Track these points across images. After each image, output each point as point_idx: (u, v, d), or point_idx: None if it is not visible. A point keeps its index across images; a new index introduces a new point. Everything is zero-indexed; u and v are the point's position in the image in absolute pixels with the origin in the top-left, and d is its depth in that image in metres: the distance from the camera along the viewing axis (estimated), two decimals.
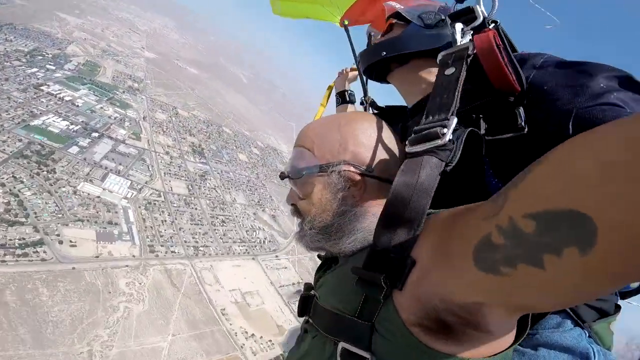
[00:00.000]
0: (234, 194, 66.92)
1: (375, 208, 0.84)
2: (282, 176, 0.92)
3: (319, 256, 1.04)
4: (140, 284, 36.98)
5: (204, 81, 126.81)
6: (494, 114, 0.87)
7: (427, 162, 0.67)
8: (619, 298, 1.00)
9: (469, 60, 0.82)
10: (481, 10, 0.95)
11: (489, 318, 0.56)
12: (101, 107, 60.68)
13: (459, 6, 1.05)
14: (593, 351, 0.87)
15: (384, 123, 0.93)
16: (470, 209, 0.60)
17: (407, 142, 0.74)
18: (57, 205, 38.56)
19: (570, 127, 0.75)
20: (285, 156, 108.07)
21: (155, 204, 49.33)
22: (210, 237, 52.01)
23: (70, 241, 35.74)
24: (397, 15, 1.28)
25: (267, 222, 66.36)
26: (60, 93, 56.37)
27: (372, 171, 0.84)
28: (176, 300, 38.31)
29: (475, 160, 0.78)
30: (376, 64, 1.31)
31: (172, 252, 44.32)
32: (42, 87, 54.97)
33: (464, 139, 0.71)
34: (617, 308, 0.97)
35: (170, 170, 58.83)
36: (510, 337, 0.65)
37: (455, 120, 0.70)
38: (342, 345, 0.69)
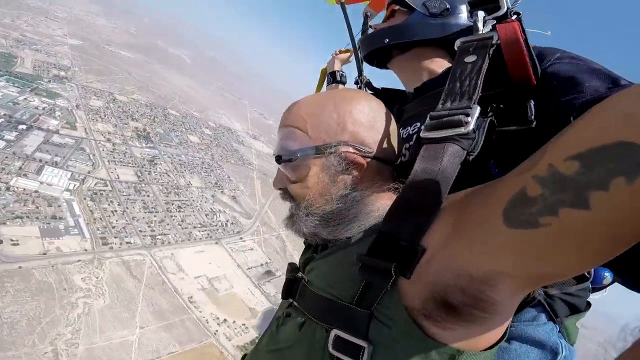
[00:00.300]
0: (188, 178, 66.32)
1: (376, 191, 0.85)
2: (279, 160, 0.88)
3: (304, 240, 1.03)
4: (97, 278, 36.76)
5: (141, 64, 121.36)
6: (504, 105, 0.90)
7: (449, 149, 0.68)
8: (590, 295, 1.07)
9: (491, 50, 0.84)
10: (506, 0, 0.97)
11: (500, 293, 0.55)
12: (25, 99, 57.39)
13: None
14: (561, 346, 0.93)
15: (380, 102, 0.94)
16: (490, 182, 0.62)
17: (423, 127, 0.75)
18: None
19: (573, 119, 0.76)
20: (240, 135, 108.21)
21: (102, 194, 48.19)
22: (168, 224, 51.73)
23: (12, 240, 34.65)
24: (399, 1, 1.30)
25: (228, 203, 66.58)
26: None
27: (373, 152, 0.85)
28: (139, 292, 38.44)
29: (487, 150, 0.78)
30: (377, 51, 1.36)
31: (127, 243, 43.93)
32: None
33: (485, 128, 0.72)
34: (588, 305, 1.04)
35: (114, 157, 57.20)
36: (502, 328, 0.66)
37: (478, 109, 0.71)
38: (335, 332, 0.69)
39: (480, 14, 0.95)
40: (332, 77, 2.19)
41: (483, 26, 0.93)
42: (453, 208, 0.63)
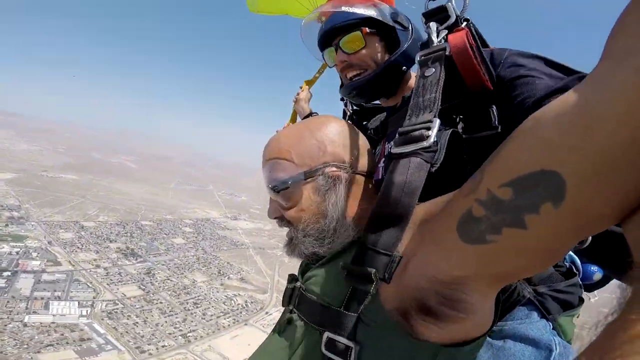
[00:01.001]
0: (190, 276, 72.77)
1: (362, 202, 1.04)
2: (275, 190, 1.02)
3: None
4: None
5: (90, 183, 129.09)
6: (470, 113, 1.04)
7: (413, 163, 0.80)
8: (583, 291, 1.18)
9: (445, 60, 0.96)
10: (454, 8, 1.09)
11: (470, 295, 0.68)
12: None
13: (432, 4, 1.17)
14: (555, 343, 1.02)
15: (348, 122, 1.17)
16: (451, 194, 0.75)
17: (392, 143, 0.88)
18: (15, 339, 42.25)
19: None
20: (220, 221, 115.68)
21: (116, 312, 53.90)
22: (192, 321, 57.38)
23: None
24: (372, 24, 1.42)
25: (239, 286, 73.03)
26: None
27: (353, 167, 1.04)
28: None
29: (457, 158, 0.90)
30: (390, 83, 1.48)
31: (162, 346, 49.43)
32: None
33: (447, 140, 0.85)
34: (581, 301, 1.15)
35: (111, 279, 63.43)
36: (483, 325, 0.79)
37: (438, 121, 0.83)
38: (327, 335, 0.84)
39: (433, 25, 1.08)
40: None
41: (437, 37, 1.05)
42: (422, 218, 0.78)
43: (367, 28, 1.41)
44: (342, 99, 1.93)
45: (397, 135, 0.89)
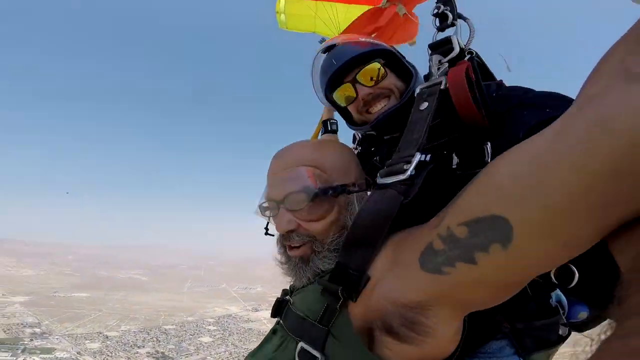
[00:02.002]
0: None
1: None
2: (310, 197, 0.98)
3: None
4: None
5: (103, 299, 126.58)
6: (465, 149, 1.00)
7: (387, 194, 0.84)
8: (567, 330, 1.15)
9: (440, 95, 0.96)
10: (458, 40, 1.07)
11: (430, 319, 0.71)
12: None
13: (440, 35, 1.15)
14: None
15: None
16: (421, 225, 0.79)
17: (379, 174, 0.91)
18: None
19: None
20: (242, 315, 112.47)
21: None
22: None
23: None
24: (381, 55, 1.40)
25: None
26: None
27: (364, 191, 1.04)
28: None
29: (440, 193, 0.88)
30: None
31: None
32: None
33: (423, 177, 0.84)
34: (560, 338, 1.14)
35: None
36: (444, 351, 0.79)
37: (418, 156, 0.85)
38: (301, 344, 0.89)
39: (435, 57, 1.06)
40: (324, 127, 2.30)
41: (438, 70, 1.04)
42: (393, 244, 0.82)
43: (381, 59, 1.39)
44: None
45: (385, 167, 0.91)
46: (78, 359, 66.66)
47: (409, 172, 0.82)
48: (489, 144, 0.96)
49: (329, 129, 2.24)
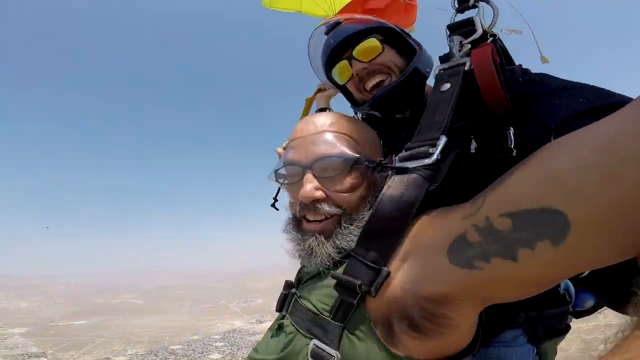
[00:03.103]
0: None
1: None
2: (347, 163, 0.92)
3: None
4: None
5: (102, 325, 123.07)
6: (485, 133, 0.93)
7: (412, 179, 0.77)
8: (572, 318, 1.14)
9: (464, 76, 0.89)
10: (481, 22, 1.00)
11: (452, 311, 0.66)
12: None
13: (459, 17, 1.09)
14: None
15: None
16: (446, 211, 0.72)
17: (397, 157, 0.84)
18: None
19: None
20: (247, 328, 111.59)
21: None
22: None
23: None
24: (380, 31, 1.32)
25: None
26: None
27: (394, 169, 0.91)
28: None
29: (464, 179, 0.84)
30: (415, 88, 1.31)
31: None
32: None
33: (450, 161, 0.78)
34: (567, 327, 1.12)
35: None
36: (462, 342, 0.75)
37: (444, 140, 0.78)
38: (314, 342, 0.81)
39: (457, 38, 1.01)
40: None
41: (459, 51, 0.98)
42: (415, 233, 0.74)
43: (379, 35, 1.31)
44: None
45: (403, 150, 0.85)
46: None
47: (435, 156, 0.76)
48: (511, 129, 0.89)
49: None
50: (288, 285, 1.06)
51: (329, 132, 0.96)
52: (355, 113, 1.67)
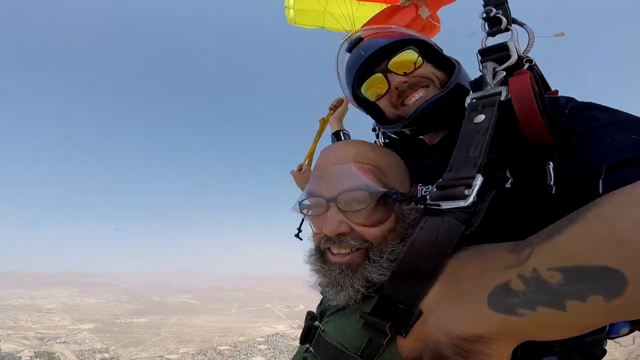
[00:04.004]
0: None
1: None
2: (373, 197, 0.87)
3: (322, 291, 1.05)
4: None
5: (160, 323, 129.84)
6: (522, 167, 0.86)
7: (447, 222, 0.72)
8: (607, 342, 1.10)
9: (499, 107, 0.81)
10: (516, 47, 0.92)
11: (488, 348, 0.64)
12: None
13: (491, 40, 1.00)
14: None
15: None
16: (484, 254, 0.69)
17: (429, 197, 0.79)
18: None
19: (601, 186, 0.74)
20: (289, 333, 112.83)
21: None
22: None
23: None
24: (421, 44, 1.21)
25: None
26: None
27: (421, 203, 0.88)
28: None
29: (498, 219, 0.79)
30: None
31: None
32: None
33: (487, 203, 0.73)
34: (603, 352, 1.07)
35: None
36: None
37: (480, 179, 0.72)
38: None
39: (490, 65, 0.92)
40: (336, 138, 2.06)
41: (493, 78, 0.90)
42: (450, 273, 0.71)
43: (415, 47, 1.19)
44: (373, 129, 1.70)
45: (434, 187, 0.80)
46: None
47: (471, 199, 0.71)
48: (551, 164, 0.82)
49: (342, 140, 2.03)
50: (311, 317, 1.02)
51: (354, 163, 0.92)
52: (377, 137, 1.64)
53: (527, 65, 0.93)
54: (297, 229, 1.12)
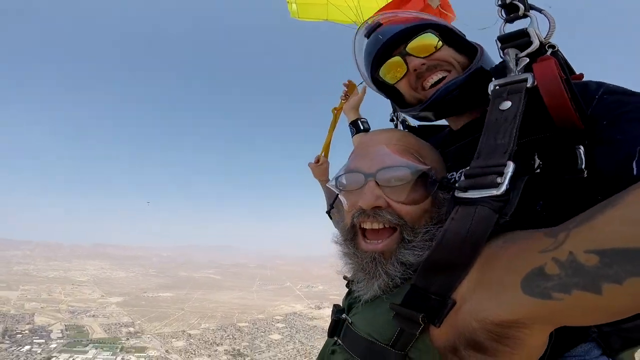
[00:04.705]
0: None
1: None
2: (414, 174, 0.87)
3: (347, 284, 1.08)
4: None
5: (184, 298, 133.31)
6: (551, 151, 0.85)
7: (480, 212, 0.70)
8: None
9: (527, 94, 0.81)
10: (537, 33, 0.91)
11: (522, 332, 0.63)
12: (122, 359, 68.56)
13: (509, 27, 0.98)
14: None
15: None
16: (517, 240, 0.67)
17: (457, 186, 0.77)
18: None
19: (635, 168, 0.72)
20: (306, 312, 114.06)
21: None
22: None
23: None
24: (440, 28, 1.19)
25: None
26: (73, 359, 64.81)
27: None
28: None
29: (529, 206, 0.77)
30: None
31: None
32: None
33: (520, 190, 0.71)
34: None
35: None
36: (534, 357, 0.70)
37: (512, 167, 0.71)
38: None
39: (512, 51, 0.91)
40: (354, 128, 1.99)
41: (516, 65, 0.89)
42: (480, 264, 0.69)
43: (434, 31, 1.17)
44: (391, 120, 1.72)
45: (463, 176, 0.78)
46: (167, 357, 70.64)
47: (504, 187, 0.70)
48: (581, 147, 0.81)
49: (362, 128, 1.96)
50: (338, 310, 1.02)
51: (396, 144, 0.92)
52: (395, 126, 1.58)
53: (549, 51, 0.92)
54: (330, 205, 1.09)
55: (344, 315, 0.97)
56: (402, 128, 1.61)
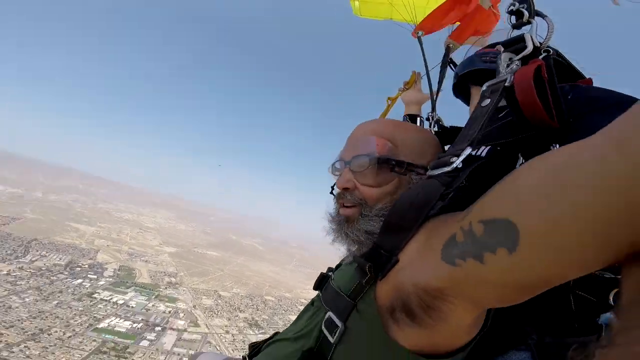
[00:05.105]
0: None
1: None
2: (379, 160, 0.96)
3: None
4: None
5: (227, 260, 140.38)
6: (531, 149, 0.91)
7: (430, 183, 0.81)
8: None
9: (504, 93, 0.88)
10: (531, 38, 0.96)
11: (445, 305, 0.68)
12: (153, 305, 73.11)
13: (516, 33, 1.05)
14: None
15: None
16: (454, 214, 0.73)
17: (429, 166, 0.88)
18: None
19: None
20: None
21: None
22: None
23: None
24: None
25: None
26: (112, 298, 69.88)
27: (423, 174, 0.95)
28: None
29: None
30: (462, 77, 1.36)
31: None
32: (94, 295, 68.74)
33: (469, 170, 0.80)
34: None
35: (236, 346, 66.98)
36: (454, 340, 0.76)
37: (468, 151, 0.80)
38: (328, 314, 0.92)
39: (505, 55, 0.97)
40: (410, 120, 2.03)
41: (507, 67, 0.95)
42: (427, 230, 0.77)
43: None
44: (427, 119, 1.85)
45: (436, 158, 0.88)
46: (192, 311, 75.34)
47: (454, 165, 0.79)
48: (557, 145, 0.87)
49: (417, 123, 2.03)
50: (329, 269, 1.18)
51: (370, 134, 1.02)
52: (430, 125, 1.76)
53: (543, 55, 0.96)
54: (331, 187, 1.20)
55: (330, 273, 1.11)
56: (436, 128, 1.76)
